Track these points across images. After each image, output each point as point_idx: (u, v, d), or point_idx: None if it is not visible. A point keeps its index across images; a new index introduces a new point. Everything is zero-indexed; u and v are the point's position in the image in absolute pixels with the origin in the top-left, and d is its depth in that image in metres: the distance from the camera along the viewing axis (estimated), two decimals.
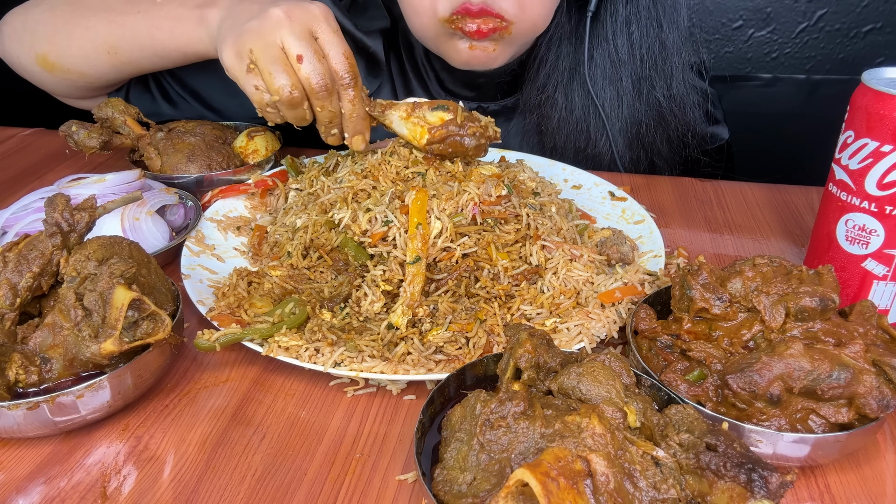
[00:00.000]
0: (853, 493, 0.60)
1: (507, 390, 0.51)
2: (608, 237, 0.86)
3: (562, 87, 1.08)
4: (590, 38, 1.05)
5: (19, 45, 1.05)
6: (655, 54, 1.06)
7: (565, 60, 1.07)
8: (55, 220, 0.65)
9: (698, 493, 0.47)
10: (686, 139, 1.14)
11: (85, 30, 0.99)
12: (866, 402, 0.56)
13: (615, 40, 1.05)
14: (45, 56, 1.02)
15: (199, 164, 1.02)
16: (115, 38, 0.98)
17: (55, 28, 1.01)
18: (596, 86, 1.07)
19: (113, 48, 0.98)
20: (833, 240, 0.77)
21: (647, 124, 1.11)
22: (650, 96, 1.09)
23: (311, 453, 0.62)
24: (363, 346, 0.69)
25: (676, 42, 1.07)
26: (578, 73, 1.07)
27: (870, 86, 0.71)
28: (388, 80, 1.16)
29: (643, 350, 0.67)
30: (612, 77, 1.07)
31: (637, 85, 1.08)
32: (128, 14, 0.96)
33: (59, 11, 1.01)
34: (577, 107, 1.09)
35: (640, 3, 1.04)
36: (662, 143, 1.14)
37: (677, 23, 1.06)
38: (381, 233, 0.78)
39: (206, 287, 0.80)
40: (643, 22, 1.04)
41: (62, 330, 0.62)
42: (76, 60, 1.01)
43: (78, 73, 1.03)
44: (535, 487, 0.41)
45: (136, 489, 0.58)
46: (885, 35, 1.55)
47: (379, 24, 1.14)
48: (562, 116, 1.09)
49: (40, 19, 1.02)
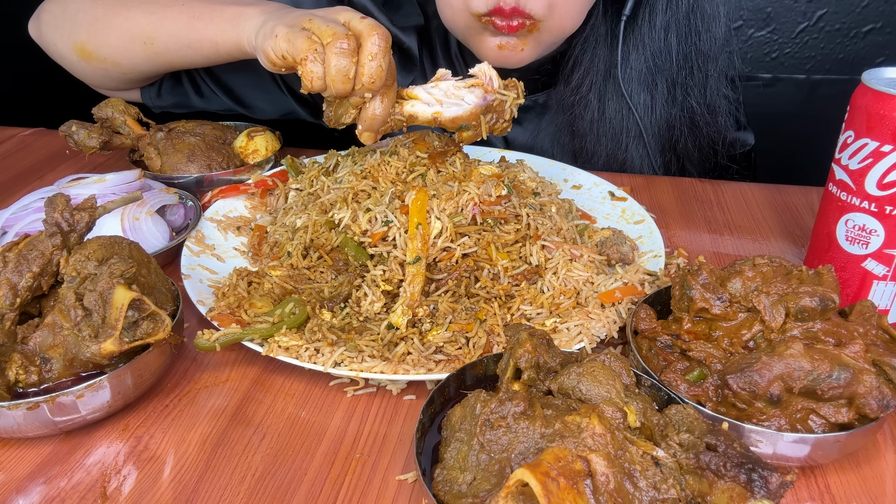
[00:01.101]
0: (853, 493, 0.60)
1: (507, 390, 0.51)
2: (608, 237, 0.86)
3: (595, 88, 1.08)
4: (625, 41, 1.05)
5: (58, 33, 1.06)
6: (692, 61, 1.06)
7: (600, 62, 1.07)
8: (55, 220, 0.65)
9: (698, 493, 0.47)
10: (716, 146, 1.14)
11: (125, 20, 1.00)
12: (866, 402, 0.56)
13: (652, 45, 1.05)
14: (84, 45, 1.03)
15: (199, 164, 1.02)
16: (153, 28, 0.99)
17: (95, 17, 1.02)
18: (631, 89, 1.07)
19: (150, 38, 0.99)
20: (833, 240, 0.77)
21: (680, 130, 1.11)
22: (685, 102, 1.09)
23: (311, 453, 0.62)
24: (363, 346, 0.69)
25: (713, 50, 1.07)
26: (613, 75, 1.07)
27: (870, 86, 0.71)
28: (422, 75, 1.18)
29: (643, 350, 0.67)
30: (648, 82, 1.07)
31: (672, 90, 1.08)
32: (170, 6, 0.98)
33: (99, 2, 1.03)
34: (610, 109, 1.09)
35: (679, 10, 1.03)
36: (694, 149, 1.14)
37: (715, 32, 1.06)
38: (381, 233, 0.78)
39: (206, 287, 0.80)
40: (682, 29, 1.04)
41: (62, 330, 0.62)
42: (112, 50, 1.03)
43: (112, 63, 1.04)
44: (535, 487, 0.41)
45: (136, 489, 0.58)
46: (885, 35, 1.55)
47: (413, 21, 1.15)
48: (594, 118, 1.10)
49: (80, 8, 1.04)
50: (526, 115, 1.17)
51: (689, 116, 1.11)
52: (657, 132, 1.11)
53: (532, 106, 1.17)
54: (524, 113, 1.17)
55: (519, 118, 1.17)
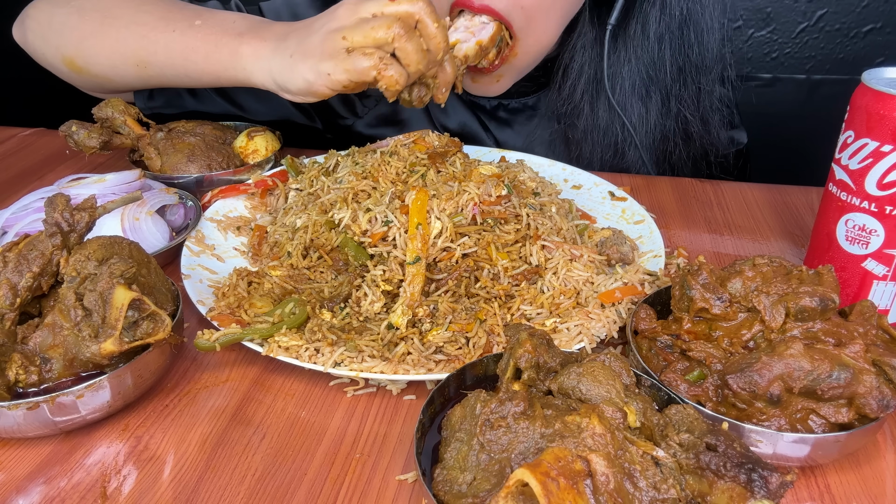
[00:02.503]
0: (853, 493, 0.60)
1: (507, 390, 0.51)
2: (608, 237, 0.86)
3: (587, 97, 1.08)
4: (615, 50, 1.04)
5: (44, 42, 1.04)
6: (686, 73, 1.06)
7: (590, 70, 1.06)
8: (55, 220, 0.65)
9: (698, 493, 0.47)
10: (709, 157, 1.14)
11: (115, 41, 0.97)
12: (866, 402, 0.56)
13: (646, 56, 1.04)
14: (73, 60, 1.02)
15: (199, 164, 1.02)
16: (146, 54, 0.96)
17: (83, 34, 1.00)
18: (624, 99, 1.06)
19: (142, 62, 0.97)
20: (833, 240, 0.77)
21: (675, 141, 1.11)
22: (679, 114, 1.09)
23: (311, 453, 0.62)
24: (363, 346, 0.69)
25: (707, 62, 1.07)
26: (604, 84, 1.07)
27: (870, 86, 0.71)
28: None
29: (643, 350, 0.67)
30: (641, 92, 1.07)
31: (666, 101, 1.08)
32: (162, 31, 0.94)
33: (87, 18, 0.99)
34: (603, 118, 1.08)
35: (672, 21, 1.03)
36: (688, 160, 1.14)
37: (709, 44, 1.06)
38: (381, 233, 0.78)
39: (206, 287, 0.80)
40: (675, 40, 1.04)
41: (62, 330, 0.62)
42: (103, 69, 1.01)
43: (105, 79, 1.03)
44: (535, 487, 0.41)
45: (136, 489, 0.58)
46: (885, 35, 1.55)
47: None
48: (587, 126, 1.09)
49: (67, 22, 1.01)
50: (516, 118, 1.17)
51: (684, 127, 1.10)
52: (651, 143, 1.11)
53: (522, 108, 1.16)
54: (514, 115, 1.17)
55: (509, 120, 1.17)
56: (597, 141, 1.10)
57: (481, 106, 1.16)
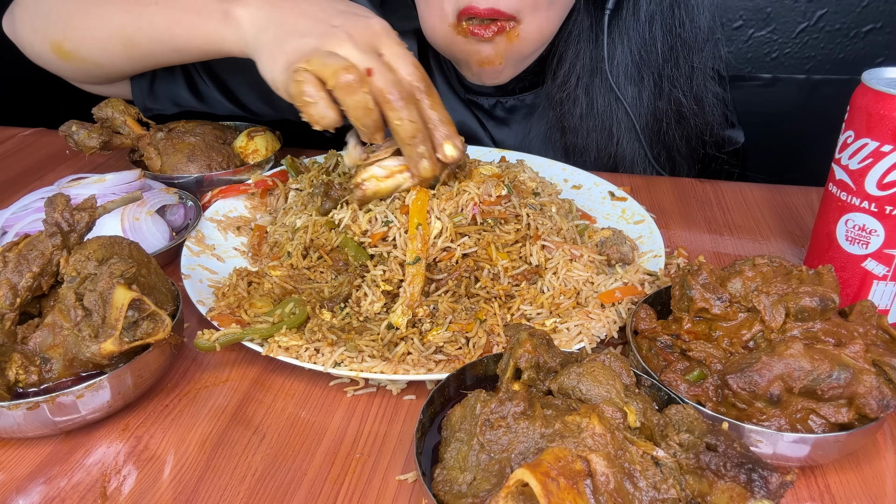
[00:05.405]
0: (853, 493, 0.60)
1: (507, 390, 0.51)
2: (608, 237, 0.86)
3: (582, 83, 1.08)
4: (610, 34, 1.04)
5: (33, 31, 1.02)
6: (678, 53, 1.06)
7: (585, 56, 1.07)
8: (55, 220, 0.65)
9: (698, 493, 0.47)
10: (704, 137, 1.14)
11: (100, 18, 0.95)
12: (866, 402, 0.56)
13: (637, 38, 1.05)
14: (60, 44, 0.99)
15: (199, 164, 1.02)
16: (132, 31, 0.94)
17: (69, 15, 0.97)
18: (619, 82, 1.07)
19: (129, 41, 0.94)
20: (833, 240, 0.77)
21: (668, 122, 1.11)
22: (671, 94, 1.09)
23: (311, 453, 0.62)
24: (363, 346, 0.69)
25: (698, 41, 1.07)
26: (600, 70, 1.07)
27: (870, 86, 0.71)
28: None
29: (643, 350, 0.67)
30: (634, 75, 1.07)
31: (658, 83, 1.08)
32: (146, 5, 0.92)
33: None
34: (599, 103, 1.09)
35: (663, 1, 1.03)
36: (682, 140, 1.14)
37: (699, 22, 1.06)
38: (381, 233, 0.78)
39: (206, 287, 0.80)
40: (666, 20, 1.04)
41: (62, 330, 0.62)
42: (91, 51, 0.98)
43: (94, 64, 1.01)
44: (535, 487, 0.41)
45: (136, 489, 0.58)
46: (885, 35, 1.55)
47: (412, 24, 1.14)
48: (583, 113, 1.09)
49: (53, 5, 0.99)
50: (513, 116, 1.17)
51: (677, 108, 1.10)
52: (645, 125, 1.11)
53: (519, 106, 1.16)
54: (512, 114, 1.17)
55: (507, 119, 1.17)
56: (592, 127, 1.10)
57: (479, 104, 1.17)
